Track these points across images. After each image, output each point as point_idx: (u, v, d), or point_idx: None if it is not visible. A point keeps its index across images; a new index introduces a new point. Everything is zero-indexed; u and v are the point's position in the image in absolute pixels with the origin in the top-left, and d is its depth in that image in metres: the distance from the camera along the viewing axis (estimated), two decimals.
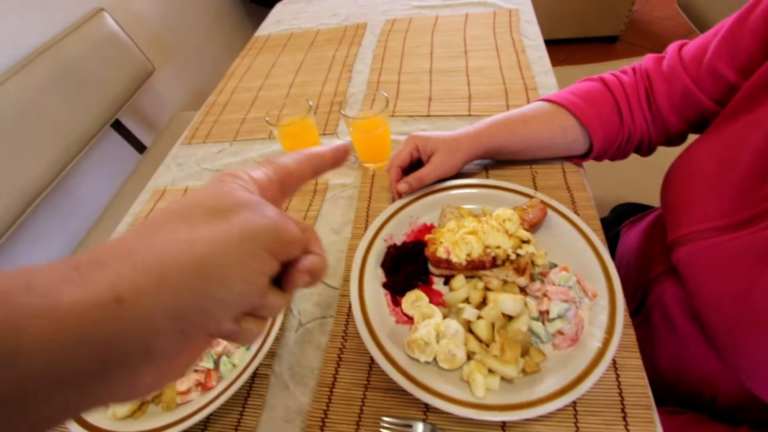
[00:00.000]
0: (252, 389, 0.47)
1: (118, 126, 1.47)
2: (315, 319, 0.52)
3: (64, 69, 1.20)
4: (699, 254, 0.45)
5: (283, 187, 0.26)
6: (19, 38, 1.16)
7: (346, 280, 0.55)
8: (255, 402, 0.46)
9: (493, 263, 0.49)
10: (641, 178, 1.00)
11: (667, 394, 0.53)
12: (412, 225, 0.58)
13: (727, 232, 0.43)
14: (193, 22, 1.96)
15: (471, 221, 0.51)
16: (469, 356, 0.43)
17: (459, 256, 0.48)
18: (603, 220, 0.85)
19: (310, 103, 0.67)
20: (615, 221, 0.81)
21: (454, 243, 0.49)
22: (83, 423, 0.44)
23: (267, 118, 0.66)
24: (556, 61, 0.84)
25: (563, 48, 2.34)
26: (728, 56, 0.49)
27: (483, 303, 0.46)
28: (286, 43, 1.14)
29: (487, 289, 0.47)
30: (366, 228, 0.61)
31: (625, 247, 0.67)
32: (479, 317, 0.44)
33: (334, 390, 0.45)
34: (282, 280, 0.24)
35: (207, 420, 0.45)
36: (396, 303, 0.50)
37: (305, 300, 0.55)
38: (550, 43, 0.91)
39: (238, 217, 0.21)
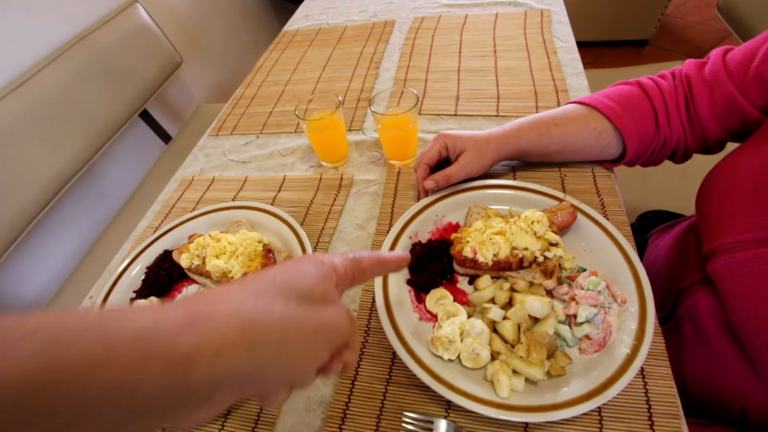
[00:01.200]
0: None
1: (145, 116, 1.51)
2: None
3: (96, 59, 1.23)
4: (738, 265, 0.44)
5: (353, 281, 0.31)
6: (55, 29, 1.19)
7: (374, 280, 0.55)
8: None
9: (520, 265, 0.49)
10: (670, 185, 0.98)
11: (693, 406, 0.52)
12: (438, 223, 0.58)
13: None
14: (221, 16, 1.99)
15: (498, 222, 0.51)
16: (494, 356, 0.42)
17: (485, 256, 0.48)
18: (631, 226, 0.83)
19: (339, 98, 0.67)
20: (642, 228, 0.79)
21: (480, 243, 0.49)
22: None
23: (296, 112, 0.66)
24: (582, 64, 0.83)
25: (590, 51, 2.30)
26: None
27: (509, 304, 0.46)
28: (314, 39, 1.15)
29: (513, 290, 0.47)
30: (390, 224, 0.61)
31: (655, 255, 0.65)
32: (505, 318, 0.44)
33: (355, 383, 0.46)
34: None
35: (227, 410, 0.46)
36: (420, 300, 0.50)
37: None
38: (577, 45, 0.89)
39: (324, 313, 0.26)
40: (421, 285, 0.50)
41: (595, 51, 2.30)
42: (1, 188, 0.97)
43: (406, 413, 0.42)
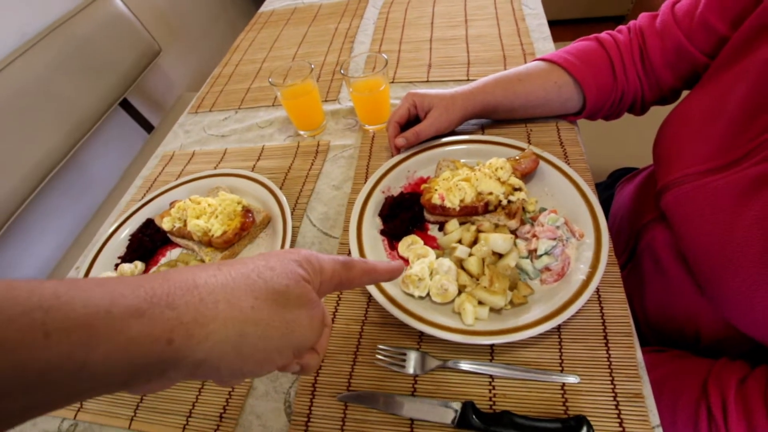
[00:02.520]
0: None
1: (126, 105, 1.50)
2: None
3: (72, 49, 1.23)
4: (685, 196, 0.47)
5: (339, 286, 0.30)
6: (28, 18, 1.18)
7: (346, 230, 0.58)
8: None
9: (486, 209, 0.51)
10: (638, 145, 1.01)
11: (655, 336, 0.55)
12: (410, 178, 0.60)
13: (712, 174, 0.45)
14: (199, 4, 1.97)
15: (465, 170, 0.53)
16: (461, 291, 0.45)
17: (453, 202, 0.51)
18: (600, 184, 0.86)
19: (312, 66, 0.69)
20: (611, 185, 0.82)
21: (448, 189, 0.51)
22: None
23: (270, 80, 0.68)
24: (562, 41, 0.85)
25: (570, 28, 2.32)
26: (719, 8, 0.50)
27: (475, 243, 0.48)
28: (290, 18, 1.15)
29: (479, 231, 0.50)
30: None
31: (619, 202, 0.68)
32: (470, 254, 0.46)
33: (333, 326, 0.48)
34: None
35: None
36: (393, 248, 0.52)
37: (307, 248, 0.57)
38: (556, 24, 0.92)
39: (294, 316, 0.26)
40: (393, 233, 0.53)
41: (575, 28, 2.32)
42: None
43: (379, 346, 0.44)
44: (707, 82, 0.51)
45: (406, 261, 0.50)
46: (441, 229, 0.53)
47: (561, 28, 2.27)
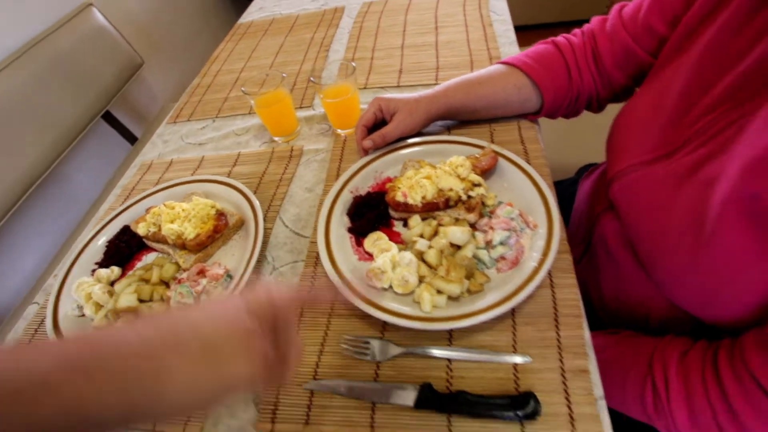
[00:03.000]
0: None
1: (109, 118, 1.51)
2: (287, 264, 0.57)
3: (54, 63, 1.24)
4: (630, 186, 0.50)
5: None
6: (9, 33, 1.20)
7: (314, 229, 0.60)
8: None
9: (447, 204, 0.54)
10: (603, 143, 1.05)
11: (611, 321, 0.58)
12: (377, 179, 0.63)
13: (653, 164, 0.48)
14: (181, 15, 2.00)
15: (427, 168, 0.56)
16: (421, 281, 0.47)
17: (415, 199, 0.53)
18: (568, 180, 0.90)
19: (284, 75, 0.72)
20: (578, 179, 0.86)
21: (410, 187, 0.54)
22: None
23: (243, 89, 0.70)
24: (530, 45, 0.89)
25: (545, 33, 2.37)
26: (659, 11, 0.54)
27: (435, 236, 0.51)
28: (268, 28, 1.18)
29: (440, 225, 0.52)
30: None
31: (580, 196, 0.71)
32: (430, 247, 0.49)
33: (301, 319, 0.50)
34: None
35: None
36: (360, 244, 0.55)
37: (279, 248, 0.59)
38: (532, 28, 0.96)
39: (227, 371, 0.27)
40: (359, 231, 0.55)
41: (550, 33, 2.37)
42: None
43: (344, 336, 0.46)
44: (651, 80, 0.54)
45: (372, 256, 0.52)
46: (405, 224, 0.56)
47: (536, 32, 2.32)
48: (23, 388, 0.22)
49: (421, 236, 0.52)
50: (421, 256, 0.49)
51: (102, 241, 0.65)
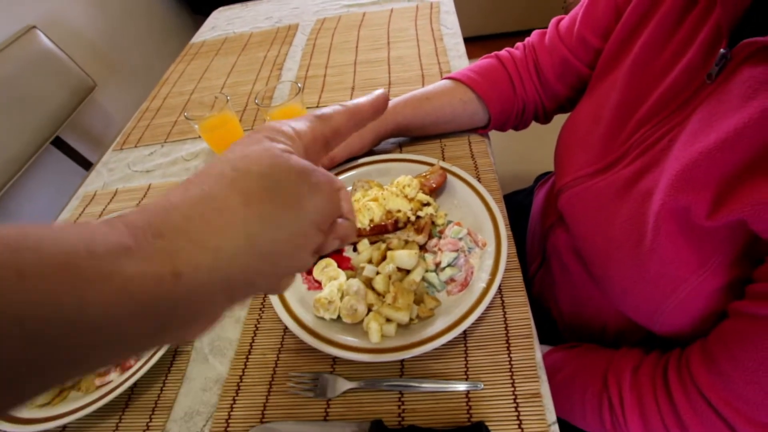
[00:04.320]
0: (173, 365, 0.49)
1: (59, 144, 1.44)
2: None
3: None
4: (575, 198, 0.50)
5: (327, 143, 0.26)
6: None
7: None
8: (175, 377, 0.48)
9: (396, 226, 0.53)
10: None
11: (572, 334, 0.58)
12: None
13: (595, 177, 0.48)
14: (135, 35, 1.94)
15: (374, 190, 0.55)
16: (370, 309, 0.46)
17: (362, 222, 0.52)
18: (525, 190, 0.91)
19: (228, 97, 0.69)
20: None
21: (357, 210, 0.52)
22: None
23: (186, 114, 0.68)
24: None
25: (501, 42, 2.41)
26: (591, 24, 0.55)
27: (383, 261, 0.49)
28: (220, 48, 1.16)
29: (388, 249, 0.51)
30: None
31: (535, 207, 0.72)
32: (378, 273, 0.47)
33: (250, 356, 0.48)
34: None
35: (128, 397, 0.47)
36: (309, 272, 0.53)
37: None
38: (488, 38, 0.97)
39: (295, 190, 0.22)
40: None
41: (507, 42, 2.43)
42: None
43: (291, 374, 0.44)
44: (590, 91, 0.55)
45: (320, 284, 0.51)
46: (355, 249, 0.54)
47: (492, 42, 2.36)
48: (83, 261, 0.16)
49: (370, 261, 0.50)
50: (369, 283, 0.48)
51: None
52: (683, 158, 0.37)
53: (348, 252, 0.55)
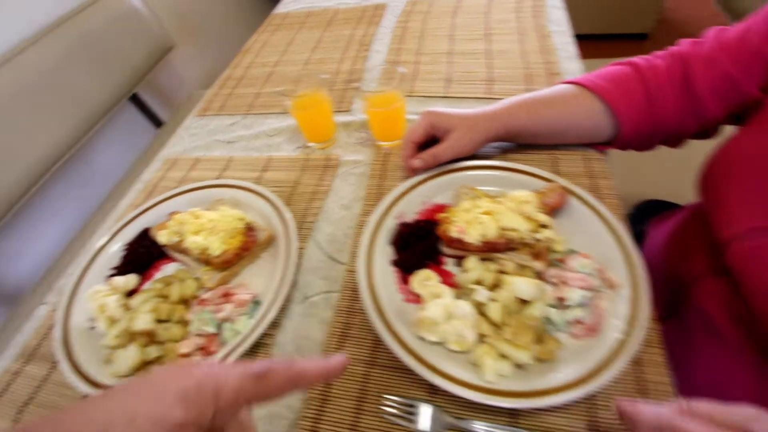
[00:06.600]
0: (254, 358, 0.46)
1: (136, 100, 1.47)
2: (320, 293, 0.51)
3: (83, 41, 1.20)
4: (757, 252, 0.41)
5: (253, 402, 0.24)
6: (37, 9, 1.15)
7: (353, 255, 0.54)
8: None
9: (508, 246, 0.47)
10: (664, 174, 0.96)
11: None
12: (425, 204, 0.56)
13: None
14: (217, 2, 1.95)
15: (486, 201, 0.49)
16: (480, 339, 0.41)
17: (473, 236, 0.46)
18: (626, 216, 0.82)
19: (324, 76, 0.65)
20: (637, 218, 0.78)
21: (468, 222, 0.47)
22: (86, 378, 0.43)
23: (280, 89, 0.64)
24: (584, 59, 0.80)
25: (588, 44, 2.27)
26: None
27: (496, 286, 0.44)
28: (304, 21, 1.12)
29: (501, 272, 0.45)
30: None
31: (654, 244, 0.63)
32: (492, 300, 0.42)
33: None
34: None
35: None
36: (405, 281, 0.48)
37: (311, 273, 0.53)
38: (595, 38, 0.87)
39: None
40: (406, 265, 0.49)
41: (594, 44, 2.27)
42: None
43: (386, 396, 0.40)
44: (763, 121, 0.46)
45: (419, 298, 0.46)
46: (458, 263, 0.49)
47: (581, 43, 2.22)
48: None
49: (478, 282, 0.45)
50: (479, 308, 0.42)
51: (120, 244, 0.59)
52: None
53: (449, 265, 0.49)
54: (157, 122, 1.55)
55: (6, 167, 0.98)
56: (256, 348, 0.47)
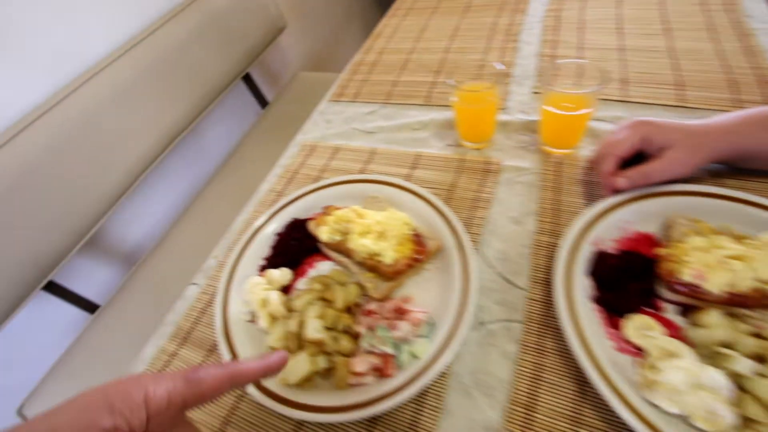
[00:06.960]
0: (429, 387, 0.41)
1: (247, 79, 1.50)
2: (498, 321, 0.45)
3: (208, 21, 1.22)
4: None
5: (186, 406, 0.26)
6: None
7: (535, 281, 0.47)
8: (433, 403, 0.40)
9: (760, 302, 0.37)
10: None
11: None
12: (624, 231, 0.47)
13: None
14: None
15: (730, 241, 0.40)
16: (745, 425, 0.32)
17: (715, 284, 0.37)
18: None
19: (500, 66, 0.58)
20: None
21: (709, 266, 0.38)
22: (259, 386, 0.41)
23: (451, 81, 0.58)
24: None
25: None
26: None
27: (761, 357, 0.35)
28: (437, 6, 1.05)
29: (758, 336, 0.36)
30: (555, 223, 0.51)
31: None
32: (762, 375, 0.33)
33: (533, 415, 0.38)
34: None
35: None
36: (611, 324, 0.40)
37: (483, 295, 0.47)
38: None
39: None
40: (615, 306, 0.41)
41: None
42: (120, 138, 0.99)
43: None
44: None
45: (637, 350, 0.38)
46: (684, 313, 0.40)
47: None
48: None
49: (724, 344, 0.36)
50: (741, 384, 0.34)
51: (270, 230, 0.57)
52: None
53: (669, 313, 0.41)
54: (263, 101, 1.58)
55: (139, 137, 1.04)
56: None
